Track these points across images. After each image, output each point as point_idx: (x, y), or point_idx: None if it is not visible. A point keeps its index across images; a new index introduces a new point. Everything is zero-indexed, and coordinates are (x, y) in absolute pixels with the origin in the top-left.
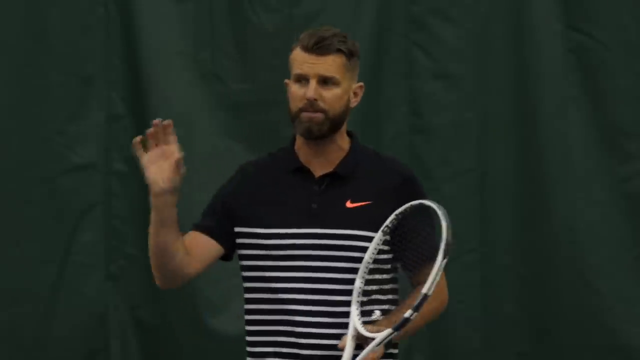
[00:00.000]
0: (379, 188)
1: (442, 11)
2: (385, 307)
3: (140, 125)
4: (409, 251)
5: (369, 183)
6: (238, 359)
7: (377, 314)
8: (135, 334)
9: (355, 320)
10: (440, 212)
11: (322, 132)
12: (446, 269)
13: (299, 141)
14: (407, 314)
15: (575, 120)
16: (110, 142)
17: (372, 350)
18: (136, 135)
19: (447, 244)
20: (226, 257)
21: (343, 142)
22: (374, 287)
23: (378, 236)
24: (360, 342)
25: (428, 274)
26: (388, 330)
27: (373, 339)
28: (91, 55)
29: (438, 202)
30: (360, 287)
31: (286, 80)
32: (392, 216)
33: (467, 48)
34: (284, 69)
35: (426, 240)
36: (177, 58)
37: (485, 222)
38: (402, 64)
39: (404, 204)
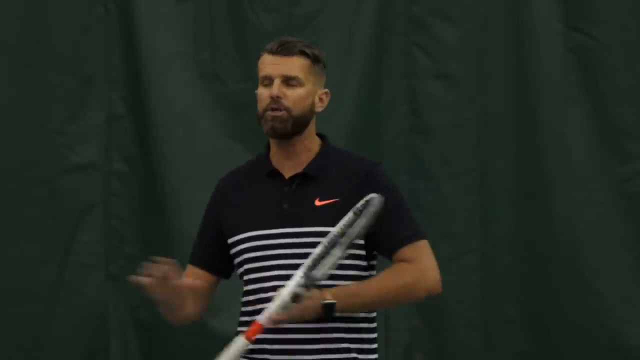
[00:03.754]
0: (346, 185)
1: (442, 11)
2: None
3: (140, 125)
4: (378, 236)
5: (337, 181)
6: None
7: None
8: (135, 334)
9: (292, 279)
10: (370, 208)
11: (286, 130)
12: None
13: (273, 147)
14: (298, 289)
15: (575, 120)
16: (110, 142)
17: (276, 311)
18: (136, 135)
19: (349, 239)
20: (226, 277)
21: (312, 144)
22: (345, 262)
23: (348, 215)
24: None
25: (402, 257)
26: (289, 287)
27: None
28: (91, 55)
29: (438, 201)
30: (318, 254)
31: (256, 91)
32: (362, 201)
33: (467, 48)
34: None
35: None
36: (177, 58)
37: (485, 222)
38: (402, 64)
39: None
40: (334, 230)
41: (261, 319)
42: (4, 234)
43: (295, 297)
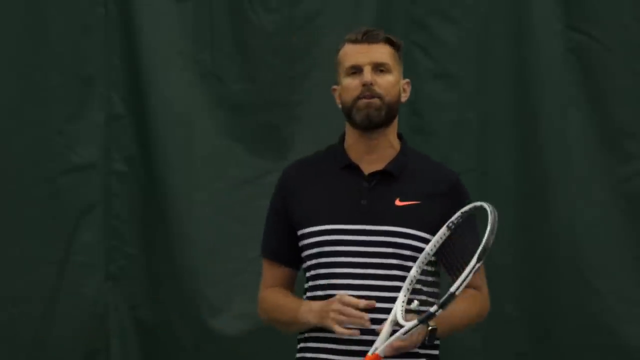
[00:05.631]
0: (428, 190)
1: (442, 11)
2: (431, 299)
3: (140, 125)
4: (452, 256)
5: (418, 184)
6: (238, 359)
7: (415, 304)
8: (135, 334)
9: (397, 306)
10: (490, 217)
11: (381, 118)
12: (489, 282)
13: (351, 138)
14: (433, 309)
15: (575, 120)
16: (110, 142)
17: (399, 339)
18: (136, 135)
19: (484, 248)
20: (298, 270)
21: (394, 139)
22: (428, 279)
23: (442, 231)
24: (398, 329)
25: (472, 280)
26: (414, 322)
27: (403, 327)
28: (91, 55)
29: None
30: (414, 277)
31: (333, 87)
32: (458, 213)
33: (467, 48)
34: (284, 69)
35: (469, 252)
36: (177, 58)
37: (485, 222)
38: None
39: (450, 208)
40: (427, 249)
41: (380, 350)
42: (4, 234)
43: (429, 317)
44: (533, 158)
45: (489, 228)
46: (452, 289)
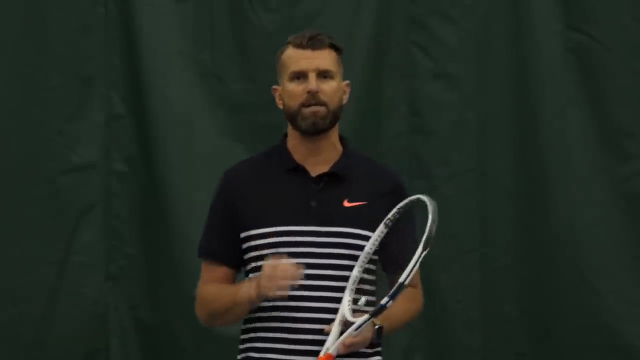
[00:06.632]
0: (373, 190)
1: (442, 11)
2: (372, 299)
3: (140, 125)
4: (393, 252)
5: (364, 185)
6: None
7: (362, 300)
8: (135, 334)
9: (344, 306)
10: (430, 207)
11: (326, 125)
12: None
13: (294, 140)
14: (384, 301)
15: (575, 120)
16: (110, 142)
17: (351, 335)
18: (136, 135)
19: (428, 237)
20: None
21: (337, 141)
22: (369, 277)
23: (380, 229)
24: (347, 328)
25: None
26: (365, 317)
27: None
28: (91, 55)
29: (438, 201)
30: (357, 276)
31: (274, 87)
32: (394, 210)
33: (467, 48)
34: None
35: (410, 245)
36: (177, 58)
37: (485, 222)
38: (402, 64)
39: (393, 207)
40: (367, 248)
41: (332, 350)
42: (4, 234)
43: (379, 310)
44: (533, 158)
45: (430, 217)
46: (401, 279)
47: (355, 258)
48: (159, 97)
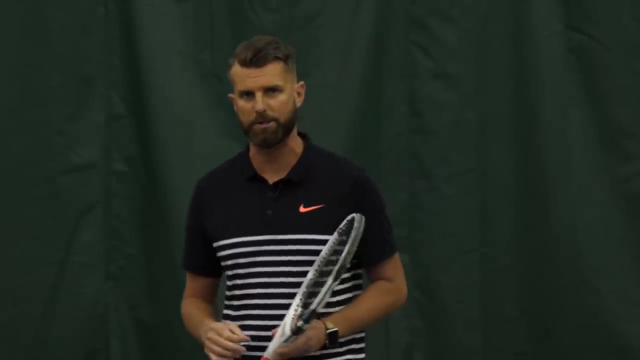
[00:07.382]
0: (331, 191)
1: (442, 11)
2: (333, 300)
3: (140, 125)
4: (364, 250)
5: (321, 186)
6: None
7: (288, 333)
8: (135, 334)
9: (290, 313)
10: (352, 234)
11: (278, 139)
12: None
13: (253, 149)
14: (299, 323)
15: (575, 120)
16: (110, 142)
17: (280, 345)
18: (136, 135)
19: (341, 267)
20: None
21: (296, 144)
22: (347, 285)
23: (334, 236)
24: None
25: (382, 271)
26: (287, 334)
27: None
28: (91, 55)
29: (438, 201)
30: (311, 279)
31: (230, 95)
32: (345, 221)
33: (467, 48)
34: None
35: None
36: (177, 58)
37: (485, 222)
38: (402, 64)
39: (354, 208)
40: (323, 252)
41: (268, 353)
42: (4, 234)
43: (298, 330)
44: (533, 158)
45: (347, 248)
46: (312, 306)
47: (312, 264)
48: (159, 97)
